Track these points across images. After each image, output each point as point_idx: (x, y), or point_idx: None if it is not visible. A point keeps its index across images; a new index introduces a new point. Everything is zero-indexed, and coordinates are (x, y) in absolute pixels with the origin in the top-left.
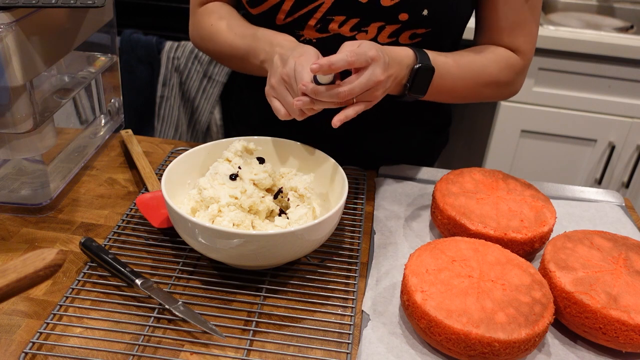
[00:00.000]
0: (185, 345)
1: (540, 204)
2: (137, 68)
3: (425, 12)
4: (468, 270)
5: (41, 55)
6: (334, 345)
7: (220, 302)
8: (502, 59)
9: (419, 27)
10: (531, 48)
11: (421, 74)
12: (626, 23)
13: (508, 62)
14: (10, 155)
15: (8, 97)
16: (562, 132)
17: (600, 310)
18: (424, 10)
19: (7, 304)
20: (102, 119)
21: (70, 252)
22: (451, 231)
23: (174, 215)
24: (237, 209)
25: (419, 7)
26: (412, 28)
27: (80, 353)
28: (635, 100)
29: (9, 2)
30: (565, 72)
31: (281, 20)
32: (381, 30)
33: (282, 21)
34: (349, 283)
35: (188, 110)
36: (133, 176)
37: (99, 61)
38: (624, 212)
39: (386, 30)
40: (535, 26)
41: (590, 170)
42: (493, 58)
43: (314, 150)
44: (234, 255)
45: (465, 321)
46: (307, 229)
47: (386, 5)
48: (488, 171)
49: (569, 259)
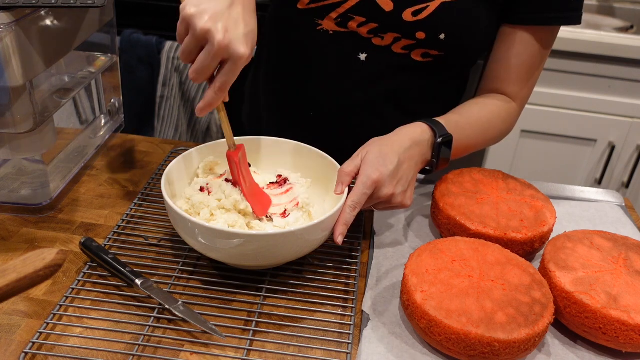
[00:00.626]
0: (185, 345)
1: (540, 204)
2: (137, 68)
3: (443, 36)
4: (468, 270)
5: (41, 55)
6: (334, 345)
7: (220, 302)
8: (503, 111)
9: (433, 48)
10: (529, 95)
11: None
12: (626, 23)
13: (509, 112)
14: (10, 155)
15: (8, 97)
16: (562, 132)
17: (600, 310)
18: (442, 34)
19: (7, 304)
20: (102, 119)
21: (70, 252)
22: (451, 231)
23: (173, 215)
24: (227, 212)
25: (438, 30)
26: (426, 48)
27: (80, 353)
28: (635, 100)
29: (9, 2)
30: (565, 72)
31: (304, 5)
32: (397, 41)
33: (304, 5)
34: (349, 283)
35: (188, 110)
36: (133, 176)
37: (99, 61)
38: (624, 212)
39: (401, 42)
40: (538, 76)
41: (590, 170)
42: (497, 112)
43: (314, 150)
44: (233, 255)
45: (465, 321)
46: (307, 229)
47: (407, 20)
48: (488, 171)
49: (569, 259)
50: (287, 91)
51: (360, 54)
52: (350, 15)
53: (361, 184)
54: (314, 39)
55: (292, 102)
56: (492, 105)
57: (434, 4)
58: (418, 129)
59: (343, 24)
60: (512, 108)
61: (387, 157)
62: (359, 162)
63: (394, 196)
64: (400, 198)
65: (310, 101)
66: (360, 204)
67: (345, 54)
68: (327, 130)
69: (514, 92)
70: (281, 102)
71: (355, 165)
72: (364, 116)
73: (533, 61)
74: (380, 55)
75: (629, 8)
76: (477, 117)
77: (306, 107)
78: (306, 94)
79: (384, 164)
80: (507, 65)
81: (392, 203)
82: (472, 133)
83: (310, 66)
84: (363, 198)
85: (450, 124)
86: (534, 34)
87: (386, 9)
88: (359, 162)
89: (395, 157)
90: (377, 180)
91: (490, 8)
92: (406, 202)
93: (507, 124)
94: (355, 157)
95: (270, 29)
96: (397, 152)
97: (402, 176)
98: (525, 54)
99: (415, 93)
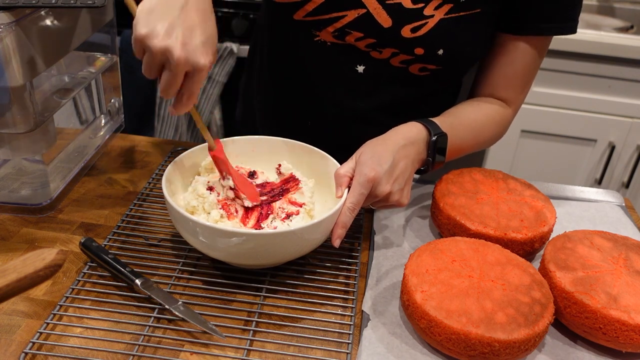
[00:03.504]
0: (185, 345)
1: (540, 204)
2: (137, 68)
3: (441, 52)
4: (468, 270)
5: (41, 55)
6: (334, 345)
7: (220, 302)
8: (497, 114)
9: (431, 63)
10: (523, 99)
11: (439, 143)
12: (626, 23)
13: (502, 116)
14: (10, 155)
15: (8, 97)
16: (562, 132)
17: (600, 310)
18: (440, 50)
19: (7, 304)
20: (102, 119)
21: (70, 252)
22: (451, 231)
23: (174, 215)
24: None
25: (436, 46)
26: (425, 63)
27: (80, 353)
28: (635, 100)
29: (9, 2)
30: (565, 72)
31: (300, 17)
32: (395, 56)
33: (300, 17)
34: (349, 283)
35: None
36: (133, 176)
37: (99, 61)
38: (624, 212)
39: (400, 57)
40: (532, 81)
41: (590, 170)
42: (491, 115)
43: (314, 150)
44: (234, 253)
45: (465, 321)
46: (307, 228)
47: (406, 36)
48: (488, 171)
49: (569, 259)
50: (283, 99)
51: (358, 66)
52: (347, 30)
53: (357, 184)
54: (311, 49)
55: (287, 111)
56: (486, 109)
57: (432, 20)
58: (413, 128)
59: (341, 37)
60: (506, 112)
61: (382, 156)
62: (354, 164)
63: (391, 194)
64: (398, 196)
65: (307, 110)
66: (358, 204)
67: (342, 65)
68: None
69: (509, 98)
70: (277, 110)
71: (351, 167)
72: (360, 126)
73: (528, 69)
74: (378, 67)
75: (629, 8)
76: (471, 119)
77: (302, 116)
78: (302, 103)
79: (379, 162)
80: (503, 73)
81: (389, 201)
82: (466, 134)
83: (307, 76)
84: (361, 198)
85: (445, 124)
86: (530, 42)
87: (385, 25)
88: (353, 163)
89: (390, 156)
90: (373, 178)
91: (488, 21)
92: (404, 201)
93: (501, 127)
94: (350, 160)
95: (262, 35)
96: (391, 151)
97: (399, 174)
98: (520, 62)
99: (411, 103)
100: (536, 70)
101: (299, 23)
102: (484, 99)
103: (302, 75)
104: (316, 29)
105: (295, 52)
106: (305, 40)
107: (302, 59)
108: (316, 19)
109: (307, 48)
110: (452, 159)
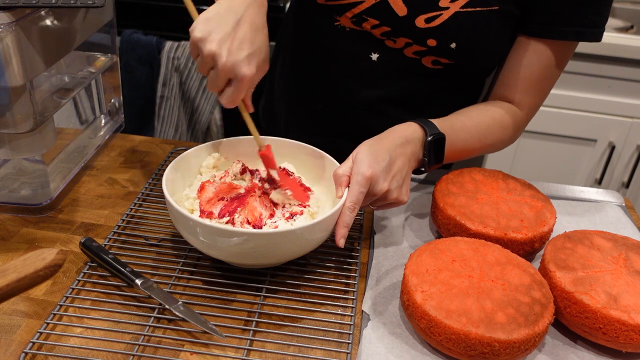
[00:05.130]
0: (185, 345)
1: (540, 204)
2: (137, 68)
3: (454, 45)
4: (468, 270)
5: (41, 55)
6: (334, 345)
7: (220, 302)
8: (505, 118)
9: (444, 56)
10: (539, 105)
11: (435, 144)
12: (626, 23)
13: (512, 120)
14: (10, 155)
15: (8, 97)
16: (562, 132)
17: (600, 310)
18: (453, 43)
19: (7, 304)
20: (102, 119)
21: (70, 252)
22: (451, 231)
23: (175, 214)
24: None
25: (449, 39)
26: (437, 55)
27: (80, 353)
28: (635, 100)
29: (9, 2)
30: (565, 72)
31: (322, 1)
32: (408, 46)
33: (323, 1)
34: (348, 283)
35: (188, 110)
36: (133, 176)
37: (99, 61)
38: (624, 212)
39: (413, 47)
40: (550, 88)
41: (590, 170)
42: (498, 118)
43: (315, 150)
44: (234, 253)
45: (465, 321)
46: (307, 227)
47: (420, 26)
48: (488, 171)
49: (569, 259)
50: (299, 81)
51: (373, 54)
52: (364, 17)
53: (356, 183)
54: (330, 33)
55: (301, 93)
56: (493, 112)
57: (447, 12)
58: (409, 128)
59: (358, 24)
60: (517, 116)
61: (378, 154)
62: (351, 163)
63: (389, 192)
64: (396, 193)
65: (319, 94)
66: (358, 203)
67: (358, 51)
68: (332, 125)
69: (522, 101)
70: (292, 92)
71: (348, 166)
72: (370, 115)
73: (544, 72)
74: (392, 57)
75: (629, 8)
76: (475, 122)
77: (314, 99)
78: (316, 87)
79: (375, 160)
80: (517, 74)
81: (388, 199)
82: (468, 137)
83: (325, 60)
84: (360, 197)
85: (445, 125)
86: (549, 46)
87: (400, 13)
88: (350, 163)
89: (387, 154)
90: (370, 176)
91: (506, 20)
92: (403, 198)
93: (509, 131)
94: (347, 160)
95: (288, 22)
96: (388, 149)
97: (396, 172)
98: (536, 65)
99: (423, 98)
100: (555, 76)
101: (322, 7)
102: (493, 102)
103: (320, 59)
104: (337, 14)
105: (317, 36)
106: (327, 25)
107: (322, 43)
108: (337, 4)
109: (328, 32)
110: (456, 160)
